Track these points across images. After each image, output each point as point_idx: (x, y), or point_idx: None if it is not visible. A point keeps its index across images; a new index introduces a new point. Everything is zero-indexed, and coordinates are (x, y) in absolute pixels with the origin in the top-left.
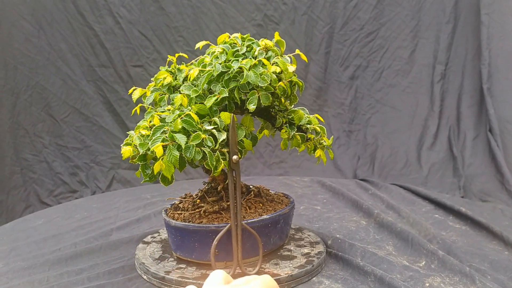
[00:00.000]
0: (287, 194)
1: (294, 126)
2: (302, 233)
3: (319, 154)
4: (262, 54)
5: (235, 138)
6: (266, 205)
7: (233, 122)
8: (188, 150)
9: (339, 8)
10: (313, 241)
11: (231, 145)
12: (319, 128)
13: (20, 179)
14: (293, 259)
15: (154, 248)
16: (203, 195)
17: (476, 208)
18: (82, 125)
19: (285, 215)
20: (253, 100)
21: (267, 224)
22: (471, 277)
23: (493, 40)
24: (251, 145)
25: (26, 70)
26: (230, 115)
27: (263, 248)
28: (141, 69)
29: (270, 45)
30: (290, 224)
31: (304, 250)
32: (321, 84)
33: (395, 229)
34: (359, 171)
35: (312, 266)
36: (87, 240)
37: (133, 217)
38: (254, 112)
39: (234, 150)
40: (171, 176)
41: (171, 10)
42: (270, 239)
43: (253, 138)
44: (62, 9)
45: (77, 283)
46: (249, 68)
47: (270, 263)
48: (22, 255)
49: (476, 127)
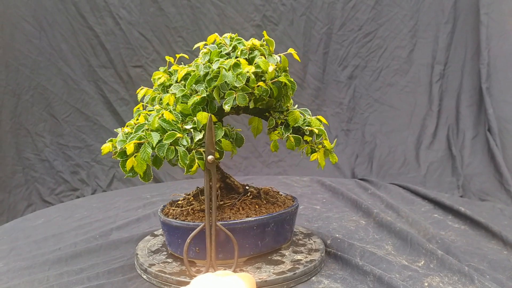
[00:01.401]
0: (295, 198)
1: (289, 128)
2: (310, 239)
3: (316, 157)
4: (246, 54)
5: (211, 138)
6: (263, 207)
7: (210, 122)
8: (162, 148)
9: (337, 9)
10: (313, 249)
11: (206, 145)
12: (317, 130)
13: (22, 178)
14: (279, 265)
15: (157, 242)
16: (197, 193)
17: (475, 208)
18: (83, 125)
19: (277, 218)
20: (229, 100)
21: (252, 226)
22: (470, 277)
23: (492, 40)
24: (230, 146)
25: (27, 71)
26: (207, 115)
27: (249, 250)
28: (141, 69)
29: (256, 44)
30: (289, 228)
31: (297, 257)
32: (319, 84)
33: (394, 229)
34: (357, 170)
35: (293, 274)
36: (87, 239)
37: (133, 216)
38: (253, 112)
39: (209, 150)
40: (143, 172)
41: (170, 11)
42: (258, 242)
43: (238, 139)
44: (63, 11)
45: (77, 282)
46: (229, 68)
47: (253, 266)
48: (22, 255)
49: (475, 126)
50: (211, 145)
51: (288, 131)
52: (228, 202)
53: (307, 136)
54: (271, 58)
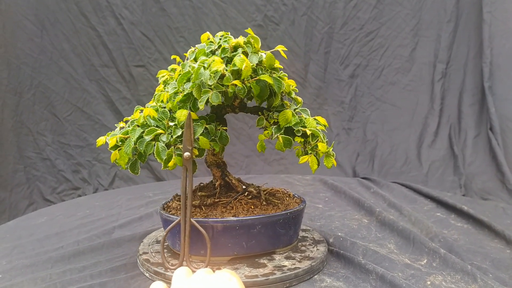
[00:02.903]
0: (304, 202)
1: (281, 128)
2: (315, 248)
3: (306, 160)
4: (227, 52)
5: (188, 135)
6: (258, 208)
7: (188, 119)
8: (142, 143)
9: (339, 8)
10: (308, 257)
11: (184, 142)
12: (310, 131)
13: (23, 176)
14: (258, 268)
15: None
16: (197, 189)
17: (478, 207)
18: (84, 124)
19: (265, 221)
20: (204, 99)
21: (234, 226)
22: (473, 276)
23: (495, 38)
24: (207, 143)
25: (29, 69)
26: (186, 112)
27: (232, 250)
28: (142, 69)
29: (240, 42)
30: (284, 232)
31: (283, 263)
32: (320, 83)
33: (396, 227)
34: (358, 169)
35: (265, 279)
36: (90, 238)
37: (135, 215)
38: (251, 110)
39: (186, 147)
40: (131, 166)
41: (172, 11)
42: (243, 242)
43: (223, 137)
44: (65, 10)
45: (80, 280)
46: (208, 66)
47: (232, 266)
48: (25, 253)
49: (477, 125)
50: (188, 142)
51: (278, 132)
52: (224, 200)
53: (298, 137)
54: (254, 56)
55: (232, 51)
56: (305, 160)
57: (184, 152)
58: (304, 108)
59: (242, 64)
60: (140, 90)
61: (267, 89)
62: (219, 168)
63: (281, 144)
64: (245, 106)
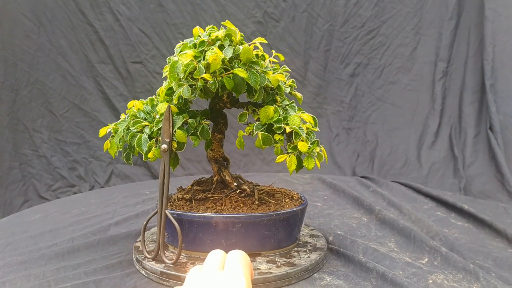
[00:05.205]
0: (302, 205)
1: (262, 124)
2: (306, 255)
3: (283, 159)
4: (203, 45)
5: (166, 128)
6: (248, 207)
7: (167, 112)
8: (128, 134)
9: (340, 5)
10: (291, 263)
11: (162, 134)
12: (289, 128)
13: (18, 173)
14: None
15: None
16: (194, 184)
17: (479, 206)
18: (81, 121)
19: (245, 221)
20: (177, 93)
21: (211, 223)
22: (475, 274)
23: (499, 35)
24: (184, 137)
25: (26, 66)
26: (166, 105)
27: (210, 246)
28: (140, 65)
29: (219, 36)
30: (270, 234)
31: (261, 266)
32: (320, 82)
33: (397, 226)
34: (358, 169)
35: None
36: (85, 235)
37: (132, 212)
38: (242, 105)
39: (163, 139)
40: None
41: (170, 7)
42: (222, 240)
43: (204, 131)
44: (62, 6)
45: (74, 277)
46: None
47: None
48: (18, 250)
49: (477, 124)
50: (166, 134)
51: (259, 128)
52: (215, 196)
53: (278, 135)
54: (229, 49)
55: (210, 44)
56: (282, 160)
57: (161, 144)
58: (292, 105)
59: (212, 57)
60: (137, 87)
61: (244, 84)
62: (216, 163)
63: (260, 141)
64: (236, 101)
